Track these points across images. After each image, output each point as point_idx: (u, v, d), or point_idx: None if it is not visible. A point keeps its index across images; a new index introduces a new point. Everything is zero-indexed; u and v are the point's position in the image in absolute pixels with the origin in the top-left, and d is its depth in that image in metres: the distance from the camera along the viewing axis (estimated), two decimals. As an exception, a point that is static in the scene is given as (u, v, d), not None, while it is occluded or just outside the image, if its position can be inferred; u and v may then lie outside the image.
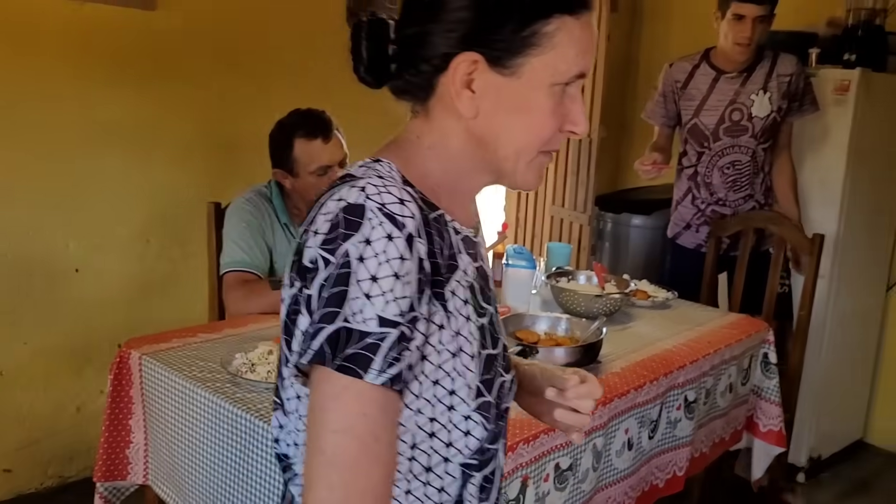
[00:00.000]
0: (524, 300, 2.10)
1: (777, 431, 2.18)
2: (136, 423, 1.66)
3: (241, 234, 2.06)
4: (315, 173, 2.06)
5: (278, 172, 2.11)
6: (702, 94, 2.67)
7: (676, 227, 2.86)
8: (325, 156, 2.06)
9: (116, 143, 2.41)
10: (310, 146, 2.05)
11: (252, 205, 2.11)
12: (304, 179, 2.08)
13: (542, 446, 1.40)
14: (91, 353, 2.47)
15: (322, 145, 2.06)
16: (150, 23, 2.41)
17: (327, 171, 2.07)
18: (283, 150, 2.07)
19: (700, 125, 2.68)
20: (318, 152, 2.05)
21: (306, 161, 2.06)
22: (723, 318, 2.23)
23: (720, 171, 2.68)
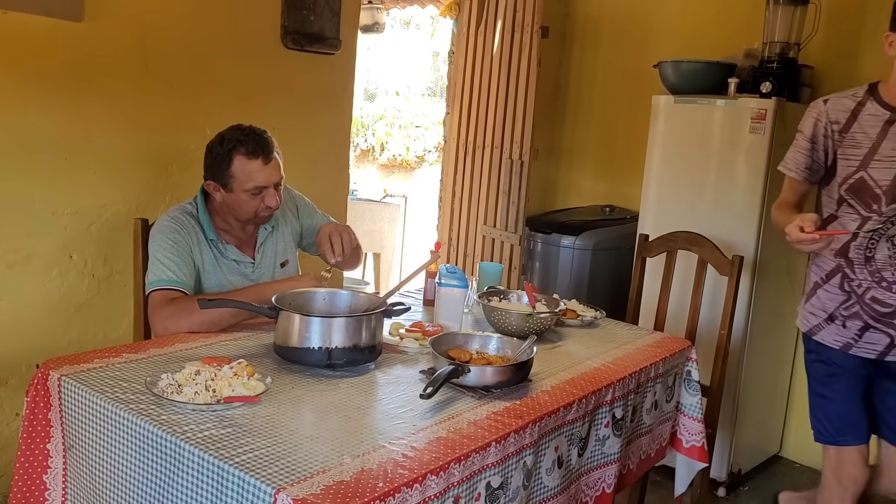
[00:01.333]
0: (456, 319, 2.12)
1: (699, 447, 2.24)
2: (54, 448, 1.60)
3: (167, 253, 2.02)
4: (250, 192, 2.05)
5: (211, 184, 2.09)
6: (871, 141, 2.09)
7: (814, 319, 2.23)
8: (263, 176, 2.05)
9: (39, 157, 2.33)
10: (249, 164, 2.03)
11: (177, 223, 2.07)
12: (237, 196, 2.06)
13: (474, 465, 1.41)
14: (7, 374, 2.36)
15: (261, 165, 2.04)
16: (76, 34, 2.34)
17: (261, 192, 2.06)
18: (221, 163, 2.05)
19: (869, 181, 2.09)
20: (257, 172, 2.04)
21: (243, 179, 2.04)
22: (648, 336, 2.29)
23: (890, 244, 2.10)
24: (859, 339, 2.14)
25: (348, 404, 1.56)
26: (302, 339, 1.71)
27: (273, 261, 2.24)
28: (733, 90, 3.10)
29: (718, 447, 3.02)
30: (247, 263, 2.17)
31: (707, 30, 3.65)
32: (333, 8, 3.05)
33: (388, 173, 12.92)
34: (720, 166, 3.12)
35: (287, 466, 1.26)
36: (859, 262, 2.12)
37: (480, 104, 4.01)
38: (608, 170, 4.15)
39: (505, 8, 3.81)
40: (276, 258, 2.25)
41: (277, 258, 2.25)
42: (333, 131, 3.22)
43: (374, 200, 5.88)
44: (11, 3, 2.19)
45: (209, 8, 2.67)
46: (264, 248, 2.22)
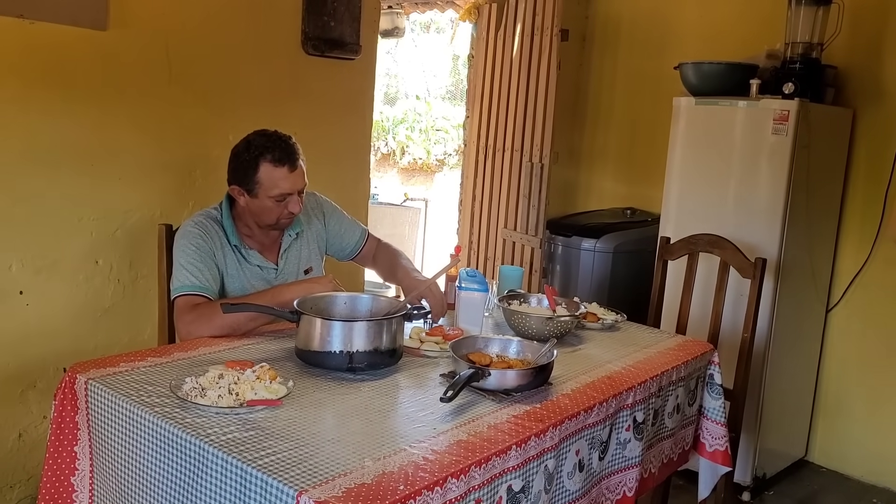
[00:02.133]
0: (477, 323, 2.12)
1: (723, 451, 2.23)
2: (81, 450, 1.63)
3: (191, 258, 2.05)
4: (274, 198, 2.07)
5: (235, 189, 2.11)
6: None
7: None
8: (288, 184, 2.07)
9: (65, 164, 2.37)
10: (275, 172, 2.05)
11: (201, 228, 2.10)
12: (261, 202, 2.08)
13: (494, 469, 1.41)
14: (35, 378, 2.40)
15: (287, 173, 2.06)
16: (101, 42, 2.38)
17: (286, 199, 2.08)
18: (247, 169, 2.07)
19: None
20: (283, 179, 2.06)
21: (269, 185, 2.06)
22: (670, 339, 2.28)
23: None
24: None
25: (369, 407, 1.57)
26: (323, 343, 1.72)
27: (297, 267, 2.26)
28: (755, 91, 3.08)
29: (742, 451, 3.00)
30: (270, 269, 2.19)
31: (728, 31, 3.62)
32: (353, 13, 3.07)
33: (408, 177, 12.95)
34: (742, 168, 3.09)
35: (309, 469, 1.27)
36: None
37: (500, 107, 4.02)
38: (629, 172, 4.14)
39: (524, 11, 3.82)
40: (300, 265, 2.27)
41: (301, 265, 2.27)
42: (354, 136, 3.24)
43: (394, 204, 5.91)
44: (38, 13, 2.23)
45: (231, 16, 2.70)
46: (288, 255, 2.24)
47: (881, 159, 3.24)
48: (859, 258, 3.31)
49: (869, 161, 3.30)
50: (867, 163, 3.30)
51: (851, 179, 3.34)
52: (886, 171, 3.21)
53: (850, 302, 3.37)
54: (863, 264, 3.30)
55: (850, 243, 3.35)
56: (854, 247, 3.34)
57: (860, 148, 3.31)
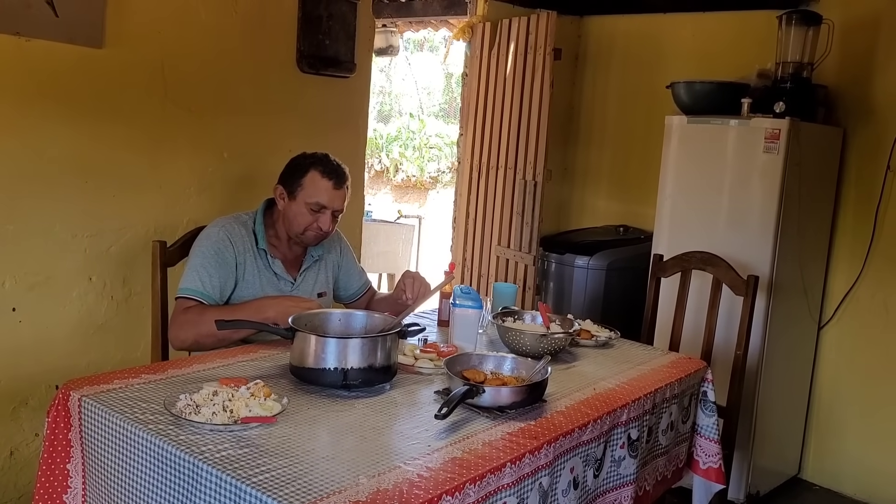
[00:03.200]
0: (471, 340, 2.12)
1: (717, 468, 2.23)
2: (74, 468, 1.62)
3: (207, 262, 2.10)
4: (310, 206, 2.15)
5: (279, 189, 2.21)
6: None
7: None
8: (327, 197, 2.17)
9: (60, 180, 2.37)
10: (320, 181, 2.17)
11: (227, 231, 2.16)
12: (297, 206, 2.16)
13: (489, 486, 1.41)
14: (27, 395, 2.39)
15: (331, 187, 2.17)
16: (97, 60, 2.39)
17: (320, 210, 2.16)
18: (296, 172, 2.19)
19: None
20: (324, 191, 2.16)
21: (310, 192, 2.16)
22: (664, 357, 2.29)
23: None
24: None
25: (364, 425, 1.57)
26: (318, 360, 1.72)
27: (312, 288, 2.30)
28: (746, 110, 3.11)
29: (736, 469, 3.00)
30: (287, 282, 2.23)
31: (719, 50, 3.67)
32: (348, 32, 3.09)
33: (402, 194, 12.98)
34: (734, 186, 3.12)
35: (303, 486, 1.27)
36: None
37: (494, 125, 4.04)
38: (622, 190, 4.16)
39: (518, 30, 3.85)
40: (315, 287, 2.31)
41: (316, 287, 2.32)
42: (348, 153, 3.24)
43: (388, 221, 5.92)
44: (34, 31, 2.24)
45: (226, 34, 2.72)
46: (306, 274, 2.29)
47: (871, 177, 3.27)
48: (851, 275, 3.33)
49: (859, 179, 3.33)
50: (857, 181, 3.33)
51: (842, 197, 3.37)
52: (877, 189, 3.24)
53: (842, 319, 3.38)
54: (854, 281, 3.32)
55: (842, 260, 3.38)
56: (846, 264, 3.36)
57: (850, 166, 3.35)
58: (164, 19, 2.54)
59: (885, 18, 3.22)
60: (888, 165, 3.21)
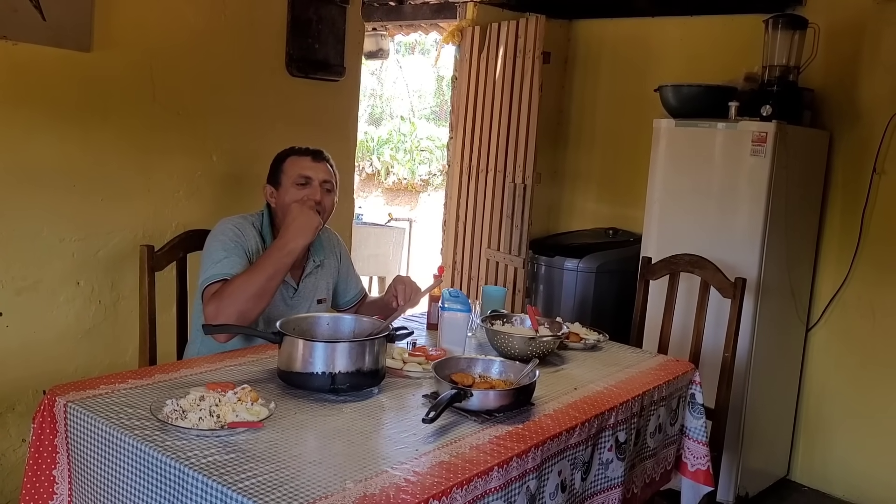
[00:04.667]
0: (459, 343, 2.13)
1: (705, 470, 2.24)
2: (60, 474, 1.61)
3: (227, 250, 2.08)
4: (296, 182, 2.18)
5: (268, 189, 2.24)
6: None
7: None
8: (310, 168, 2.21)
9: (47, 184, 2.36)
10: (298, 160, 2.23)
11: (240, 227, 2.16)
12: (285, 191, 2.19)
13: (476, 490, 1.41)
14: (14, 401, 2.37)
15: (310, 161, 2.23)
16: (85, 64, 2.38)
17: (308, 182, 2.19)
18: (276, 164, 2.24)
19: None
20: (304, 165, 2.21)
21: (291, 172, 2.20)
22: (652, 359, 2.29)
23: None
24: None
25: (351, 429, 1.57)
26: (305, 364, 1.72)
27: (313, 294, 2.30)
28: (734, 113, 3.13)
29: (725, 470, 3.01)
30: (289, 287, 2.22)
31: (707, 54, 3.69)
32: (338, 35, 3.09)
33: (393, 197, 12.98)
34: (722, 189, 3.13)
35: (290, 492, 1.27)
36: None
37: (483, 128, 4.05)
38: (611, 193, 4.17)
39: (507, 34, 3.86)
40: (316, 293, 2.31)
41: (317, 293, 2.31)
42: (338, 157, 3.21)
43: (378, 224, 5.91)
44: (22, 35, 2.23)
45: (215, 37, 2.72)
46: (307, 280, 2.28)
47: (857, 180, 3.29)
48: (838, 278, 3.35)
49: (845, 182, 3.35)
50: (844, 183, 3.35)
51: (829, 200, 3.39)
52: (863, 191, 3.26)
53: (829, 321, 3.40)
54: (841, 284, 3.34)
55: (829, 263, 3.40)
56: (833, 266, 3.39)
57: (837, 169, 3.37)
58: (152, 22, 2.54)
59: (870, 22, 3.25)
60: (874, 168, 3.23)
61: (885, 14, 3.20)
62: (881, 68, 3.22)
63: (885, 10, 3.20)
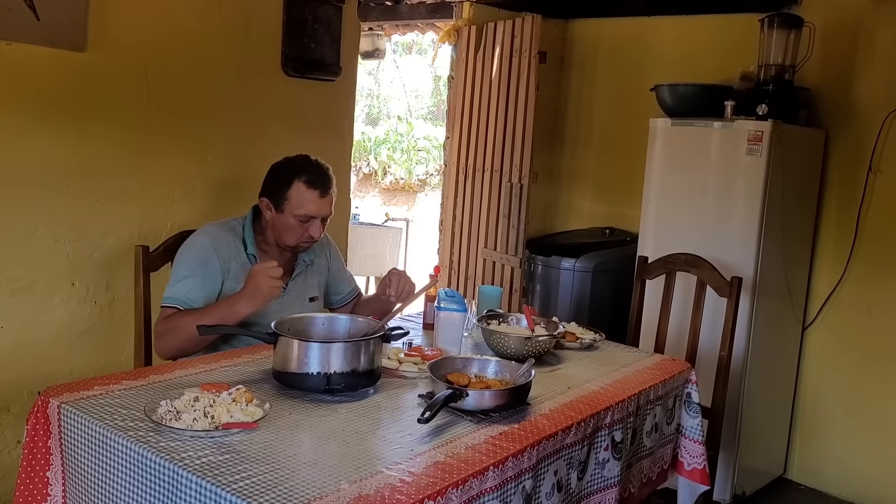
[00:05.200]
0: (455, 343, 2.12)
1: (701, 469, 2.24)
2: (54, 475, 1.60)
3: (189, 271, 2.09)
4: (299, 217, 2.13)
5: (265, 202, 2.18)
6: None
7: None
8: (315, 207, 2.15)
9: (42, 185, 2.35)
10: (306, 193, 2.13)
11: (212, 240, 2.14)
12: (286, 218, 2.14)
13: (472, 490, 1.41)
14: (9, 402, 2.37)
15: (317, 197, 2.14)
16: (80, 64, 2.37)
17: (309, 221, 2.15)
18: (281, 185, 2.15)
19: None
20: (311, 202, 2.13)
21: (297, 204, 2.13)
22: (648, 358, 2.29)
23: None
24: None
25: (347, 429, 1.57)
26: (301, 365, 1.72)
27: (304, 293, 2.29)
28: (730, 112, 3.12)
29: (721, 469, 3.01)
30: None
31: (703, 53, 3.69)
32: (333, 35, 3.08)
33: (390, 197, 12.98)
34: (718, 188, 3.13)
35: (285, 493, 1.26)
36: None
37: (480, 128, 4.04)
38: (607, 192, 4.17)
39: (503, 33, 3.86)
40: (307, 292, 2.30)
41: (308, 292, 2.31)
42: (334, 157, 3.21)
43: (375, 224, 5.91)
44: (15, 35, 2.22)
45: (211, 37, 2.71)
46: (297, 279, 2.27)
47: (853, 179, 3.30)
48: (834, 276, 3.35)
49: (841, 181, 3.35)
50: (840, 182, 3.36)
51: (825, 199, 3.39)
52: (858, 190, 3.27)
53: (825, 320, 3.40)
54: (837, 282, 3.34)
55: (825, 261, 3.40)
56: (829, 265, 3.39)
57: (833, 168, 3.37)
58: (147, 22, 2.53)
59: (865, 21, 3.25)
60: (870, 167, 3.23)
61: (881, 13, 3.20)
62: (877, 67, 3.23)
63: (881, 9, 3.20)
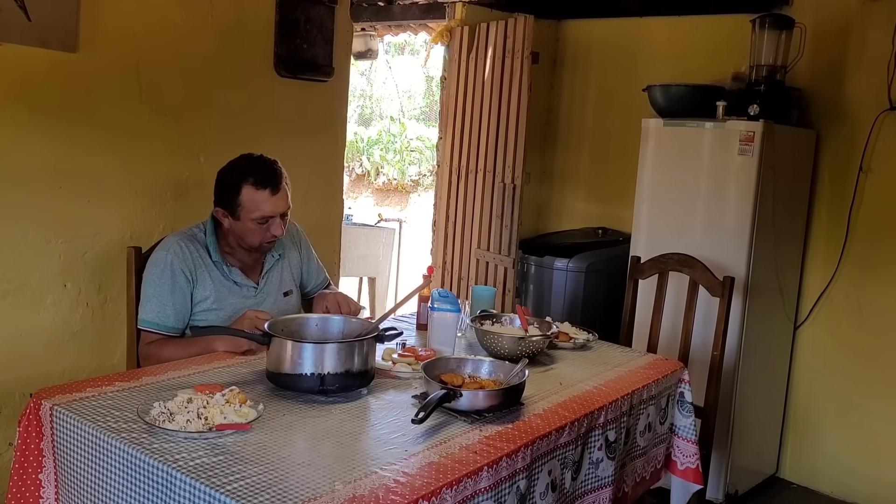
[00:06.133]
0: (449, 343, 2.12)
1: (694, 469, 2.24)
2: (46, 478, 1.60)
3: (160, 289, 2.08)
4: (256, 220, 2.09)
5: (220, 211, 2.13)
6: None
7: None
8: (270, 206, 2.09)
9: (34, 186, 2.34)
10: (257, 195, 2.08)
11: (174, 253, 2.10)
12: (244, 224, 2.10)
13: (466, 490, 1.41)
14: (0, 404, 2.36)
15: (269, 196, 2.09)
16: (71, 64, 2.37)
17: (268, 221, 2.10)
18: (230, 192, 2.09)
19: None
20: (264, 202, 2.08)
21: (250, 208, 2.08)
22: (641, 358, 2.30)
23: None
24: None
25: (340, 430, 1.56)
26: (294, 365, 1.71)
27: (277, 289, 2.27)
28: (721, 113, 3.14)
29: (714, 468, 3.02)
30: (249, 287, 2.20)
31: (695, 54, 3.70)
32: (326, 36, 3.08)
33: (383, 197, 12.96)
34: (710, 188, 3.14)
35: (279, 494, 1.26)
36: None
37: (473, 129, 4.05)
38: (600, 192, 4.18)
39: (496, 34, 3.86)
40: (281, 287, 2.28)
41: (282, 287, 2.29)
42: (327, 157, 3.24)
43: (368, 225, 5.90)
44: (6, 36, 2.21)
45: (203, 37, 2.70)
46: (269, 276, 2.25)
47: (844, 179, 3.31)
48: (825, 276, 3.37)
49: (832, 181, 3.37)
50: (831, 182, 3.37)
51: (816, 199, 3.41)
52: (849, 190, 3.28)
53: (817, 319, 3.42)
54: (829, 282, 3.35)
55: (817, 261, 3.41)
56: (820, 265, 3.40)
57: (824, 168, 3.38)
58: (139, 22, 2.52)
59: (855, 22, 3.27)
60: (860, 167, 3.25)
61: (871, 14, 3.22)
62: (867, 67, 3.24)
63: (871, 10, 3.22)
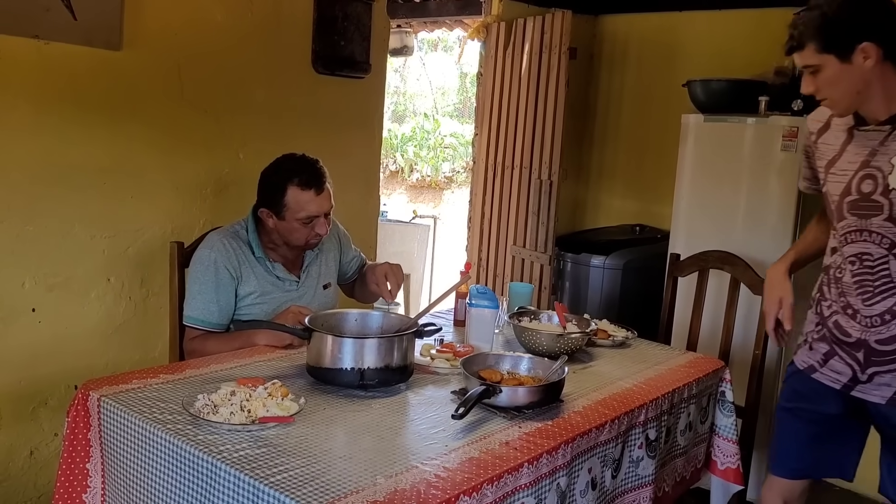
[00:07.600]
0: (487, 339, 2.12)
1: (735, 469, 2.21)
2: (93, 467, 1.63)
3: (205, 286, 2.11)
4: (301, 220, 2.12)
5: (265, 212, 2.16)
6: (834, 152, 1.84)
7: (798, 339, 2.07)
8: (315, 206, 2.12)
9: (78, 182, 2.39)
10: (302, 195, 2.10)
11: (219, 252, 2.13)
12: (289, 223, 2.13)
13: (507, 486, 1.41)
14: (46, 395, 2.41)
15: (314, 196, 2.11)
16: (115, 62, 2.41)
17: (312, 221, 2.13)
18: (275, 192, 2.12)
19: (827, 195, 1.87)
20: (309, 202, 2.11)
21: (296, 209, 2.11)
22: (681, 356, 2.27)
23: (850, 265, 1.82)
24: (823, 364, 1.90)
25: (381, 424, 1.57)
26: (334, 360, 1.73)
27: (316, 282, 2.30)
28: (764, 108, 3.08)
29: (755, 469, 2.97)
30: (291, 282, 2.22)
31: (736, 48, 3.64)
32: (363, 33, 3.09)
33: (417, 194, 12.99)
34: (751, 185, 3.09)
35: (321, 486, 1.27)
36: (832, 283, 1.89)
37: (509, 125, 4.03)
38: (637, 189, 4.14)
39: (532, 30, 3.84)
40: (320, 280, 2.31)
41: (321, 280, 2.31)
42: (364, 154, 3.25)
43: (403, 222, 5.92)
44: (53, 34, 2.25)
45: (243, 35, 2.73)
46: (309, 270, 2.28)
47: (891, 175, 3.23)
48: (870, 274, 3.29)
49: (879, 177, 3.28)
50: (877, 179, 3.29)
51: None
52: None
53: (861, 318, 3.34)
54: (874, 280, 3.27)
55: (861, 259, 3.33)
56: (865, 263, 3.32)
57: (870, 164, 3.30)
58: (181, 21, 2.56)
59: (904, 14, 3.18)
60: (908, 163, 3.16)
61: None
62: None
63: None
